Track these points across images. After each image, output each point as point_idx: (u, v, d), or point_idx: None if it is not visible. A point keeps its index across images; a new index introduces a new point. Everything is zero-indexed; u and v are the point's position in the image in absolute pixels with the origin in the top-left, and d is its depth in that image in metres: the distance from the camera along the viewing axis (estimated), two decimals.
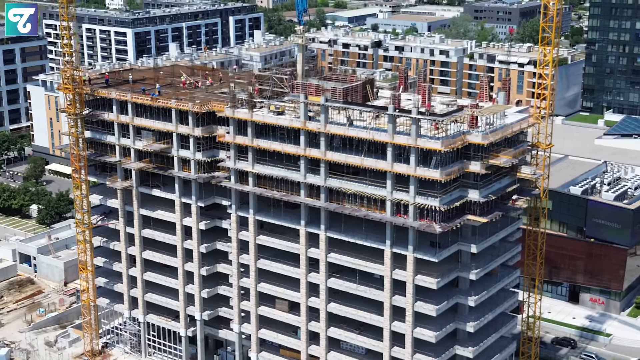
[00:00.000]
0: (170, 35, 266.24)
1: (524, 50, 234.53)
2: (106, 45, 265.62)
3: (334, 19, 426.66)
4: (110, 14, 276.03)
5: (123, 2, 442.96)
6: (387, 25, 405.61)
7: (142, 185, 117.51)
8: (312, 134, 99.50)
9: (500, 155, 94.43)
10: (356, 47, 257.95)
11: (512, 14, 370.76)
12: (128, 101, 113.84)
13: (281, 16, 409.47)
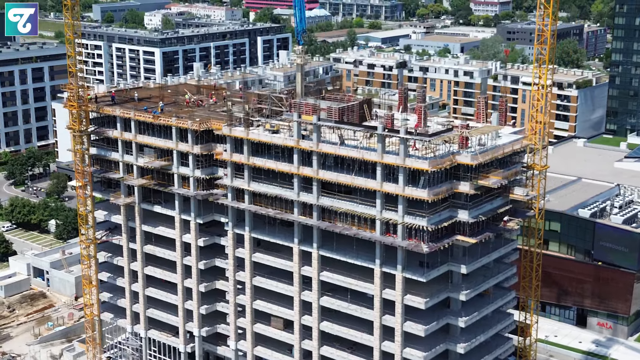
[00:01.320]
0: (198, 54, 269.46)
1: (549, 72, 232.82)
2: (135, 64, 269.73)
3: (367, 39, 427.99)
4: (140, 34, 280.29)
5: (160, 21, 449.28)
6: (419, 46, 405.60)
7: (144, 201, 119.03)
8: (306, 152, 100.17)
9: (490, 176, 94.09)
10: (381, 68, 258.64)
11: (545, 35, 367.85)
12: (131, 118, 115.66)
13: (313, 37, 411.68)
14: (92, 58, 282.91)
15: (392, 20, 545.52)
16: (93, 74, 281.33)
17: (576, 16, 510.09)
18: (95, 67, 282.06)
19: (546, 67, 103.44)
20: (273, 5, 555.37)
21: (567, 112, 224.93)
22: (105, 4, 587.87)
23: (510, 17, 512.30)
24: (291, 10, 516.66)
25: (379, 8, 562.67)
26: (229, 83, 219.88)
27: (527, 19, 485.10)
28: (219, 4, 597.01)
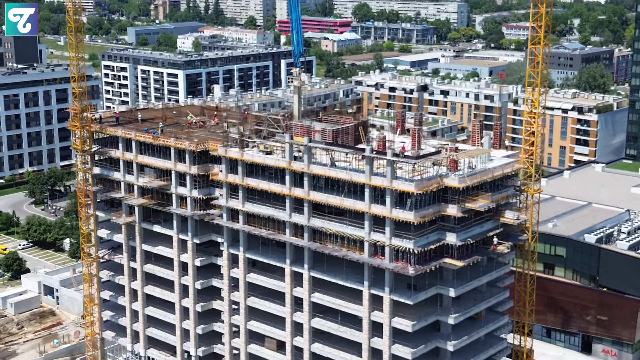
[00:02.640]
0: (221, 77, 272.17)
1: (569, 96, 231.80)
2: (159, 86, 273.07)
3: (396, 62, 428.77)
4: (165, 57, 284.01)
5: (191, 45, 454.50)
6: (448, 69, 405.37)
7: (144, 221, 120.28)
8: (297, 174, 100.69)
9: (478, 199, 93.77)
10: (402, 91, 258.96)
11: (573, 60, 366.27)
12: (132, 139, 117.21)
13: (340, 60, 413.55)
14: (118, 80, 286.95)
15: (424, 44, 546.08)
16: (119, 95, 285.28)
17: (609, 41, 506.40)
18: (121, 89, 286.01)
19: (538, 90, 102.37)
20: (304, 29, 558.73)
21: (587, 136, 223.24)
22: (140, 27, 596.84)
23: None
24: (322, 34, 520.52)
25: (410, 32, 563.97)
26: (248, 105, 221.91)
27: (558, 42, 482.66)
28: (252, 28, 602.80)
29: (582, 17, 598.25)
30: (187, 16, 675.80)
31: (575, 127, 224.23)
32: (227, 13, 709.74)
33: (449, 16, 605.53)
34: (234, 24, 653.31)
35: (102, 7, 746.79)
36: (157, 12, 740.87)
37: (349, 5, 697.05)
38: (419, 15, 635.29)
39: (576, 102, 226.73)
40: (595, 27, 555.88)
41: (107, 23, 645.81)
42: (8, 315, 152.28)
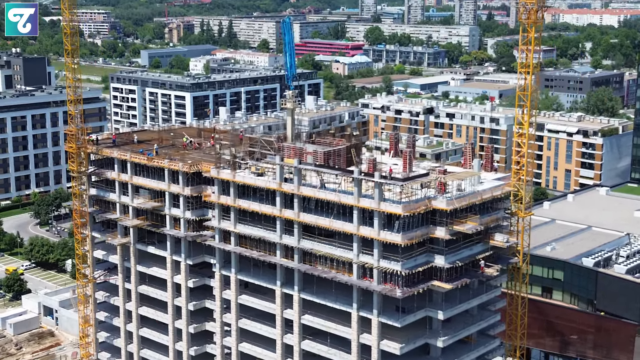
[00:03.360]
0: (229, 99, 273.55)
1: (574, 120, 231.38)
2: (167, 108, 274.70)
3: (406, 85, 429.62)
4: (172, 79, 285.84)
5: (202, 67, 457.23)
6: (457, 92, 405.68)
7: (139, 242, 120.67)
8: (288, 195, 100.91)
9: (466, 221, 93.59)
10: (408, 114, 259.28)
11: (583, 83, 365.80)
12: (127, 160, 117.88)
13: (350, 83, 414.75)
14: (126, 102, 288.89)
15: (435, 67, 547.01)
16: (127, 117, 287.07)
17: (621, 64, 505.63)
18: (129, 111, 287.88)
19: (528, 116, 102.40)
20: (316, 52, 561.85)
21: (592, 160, 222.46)
22: (154, 50, 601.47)
23: (554, 64, 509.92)
24: (333, 57, 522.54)
25: (422, 55, 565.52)
26: (254, 127, 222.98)
27: (569, 66, 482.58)
28: (264, 51, 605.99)
29: (595, 41, 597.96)
30: (200, 39, 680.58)
31: (581, 150, 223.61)
32: (240, 36, 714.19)
33: (461, 39, 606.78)
34: (247, 47, 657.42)
35: (117, 31, 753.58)
36: (171, 36, 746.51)
37: (361, 28, 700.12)
38: (430, 39, 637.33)
39: (581, 126, 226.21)
40: (607, 51, 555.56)
41: (121, 46, 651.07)
42: (7, 336, 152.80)
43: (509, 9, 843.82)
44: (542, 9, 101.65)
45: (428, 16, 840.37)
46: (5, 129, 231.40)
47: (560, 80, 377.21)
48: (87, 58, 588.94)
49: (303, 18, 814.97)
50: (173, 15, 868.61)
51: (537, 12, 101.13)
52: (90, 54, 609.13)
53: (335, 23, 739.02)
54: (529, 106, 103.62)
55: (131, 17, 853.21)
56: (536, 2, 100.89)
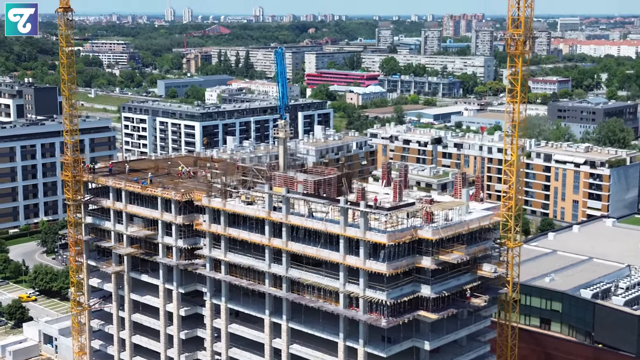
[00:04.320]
0: (238, 128, 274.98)
1: (581, 150, 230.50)
2: (176, 138, 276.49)
3: (419, 115, 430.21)
4: (182, 109, 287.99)
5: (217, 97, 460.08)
6: (471, 122, 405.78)
7: (133, 270, 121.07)
8: (277, 224, 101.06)
9: (452, 251, 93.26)
10: (416, 143, 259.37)
11: (596, 114, 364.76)
12: (122, 189, 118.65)
13: (362, 112, 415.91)
14: (137, 131, 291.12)
15: (450, 97, 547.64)
16: (138, 146, 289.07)
17: (637, 95, 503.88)
18: (140, 140, 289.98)
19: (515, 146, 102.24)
20: (330, 82, 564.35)
21: (599, 191, 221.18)
22: (170, 80, 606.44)
23: (569, 95, 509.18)
24: (347, 87, 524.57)
25: (436, 85, 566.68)
26: (260, 157, 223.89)
27: (584, 96, 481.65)
28: None
29: (610, 72, 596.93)
30: (217, 69, 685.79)
31: (588, 181, 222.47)
32: (257, 67, 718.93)
33: (476, 70, 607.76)
34: (263, 77, 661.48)
35: (135, 61, 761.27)
36: (189, 66, 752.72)
37: (376, 59, 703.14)
38: (445, 69, 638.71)
39: (589, 156, 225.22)
40: (623, 82, 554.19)
41: (139, 76, 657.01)
42: None
43: None
44: (530, 40, 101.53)
45: (445, 47, 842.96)
46: (15, 158, 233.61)
47: (573, 111, 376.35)
48: (105, 88, 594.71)
49: (320, 49, 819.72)
50: (192, 46, 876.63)
51: (524, 44, 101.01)
52: (108, 83, 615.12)
53: (351, 54, 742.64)
54: (517, 136, 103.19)
55: (150, 47, 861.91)
56: (523, 34, 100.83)
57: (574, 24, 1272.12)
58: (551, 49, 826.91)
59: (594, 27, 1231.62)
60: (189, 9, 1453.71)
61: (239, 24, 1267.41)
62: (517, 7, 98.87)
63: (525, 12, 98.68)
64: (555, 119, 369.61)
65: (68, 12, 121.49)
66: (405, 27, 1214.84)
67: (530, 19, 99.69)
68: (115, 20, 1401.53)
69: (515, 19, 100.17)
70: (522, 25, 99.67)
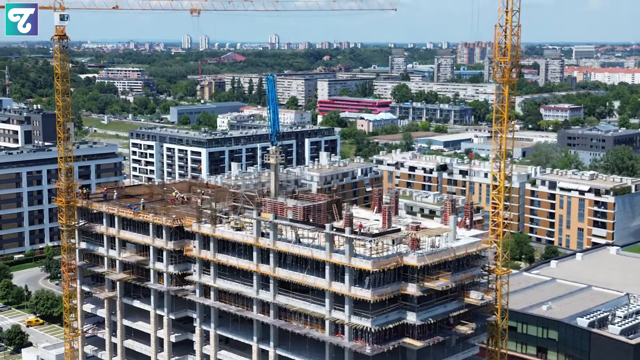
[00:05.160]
0: (244, 154, 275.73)
1: (586, 178, 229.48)
2: (183, 164, 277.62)
3: (430, 142, 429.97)
4: (189, 135, 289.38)
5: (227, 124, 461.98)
6: (480, 149, 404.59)
7: (125, 296, 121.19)
8: (265, 250, 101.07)
9: (438, 278, 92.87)
10: (422, 170, 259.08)
11: (605, 142, 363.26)
12: (115, 214, 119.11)
13: (371, 139, 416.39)
14: (145, 157, 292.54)
15: (461, 124, 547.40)
16: (145, 172, 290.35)
17: None
18: (147, 166, 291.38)
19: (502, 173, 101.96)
20: (342, 109, 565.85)
21: (604, 219, 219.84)
22: (183, 107, 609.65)
23: (580, 123, 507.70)
24: (358, 114, 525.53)
25: (448, 112, 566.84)
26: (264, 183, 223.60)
27: (596, 124, 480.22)
28: (293, 108, 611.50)
29: (623, 99, 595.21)
30: (230, 96, 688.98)
31: (593, 209, 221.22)
32: None
33: (488, 97, 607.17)
34: None
35: (150, 88, 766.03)
36: (202, 93, 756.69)
37: (388, 86, 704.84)
38: (457, 97, 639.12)
39: (593, 184, 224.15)
40: (636, 109, 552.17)
41: (152, 103, 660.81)
42: None
43: (539, 66, 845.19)
44: (516, 68, 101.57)
45: (458, 74, 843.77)
46: (21, 183, 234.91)
47: (583, 138, 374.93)
48: (118, 114, 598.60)
49: (333, 76, 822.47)
50: (206, 73, 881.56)
51: (510, 71, 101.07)
52: (122, 110, 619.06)
53: (364, 81, 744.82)
54: (504, 163, 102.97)
55: (165, 74, 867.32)
56: (509, 61, 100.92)
57: (589, 51, 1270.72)
58: (565, 76, 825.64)
59: (610, 55, 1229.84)
60: (205, 36, 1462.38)
61: (254, 52, 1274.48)
62: (504, 35, 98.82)
63: (511, 40, 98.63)
64: (565, 146, 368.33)
65: (63, 39, 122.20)
66: (420, 55, 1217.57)
67: (517, 47, 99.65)
68: (132, 47, 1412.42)
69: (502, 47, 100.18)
70: (508, 53, 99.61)
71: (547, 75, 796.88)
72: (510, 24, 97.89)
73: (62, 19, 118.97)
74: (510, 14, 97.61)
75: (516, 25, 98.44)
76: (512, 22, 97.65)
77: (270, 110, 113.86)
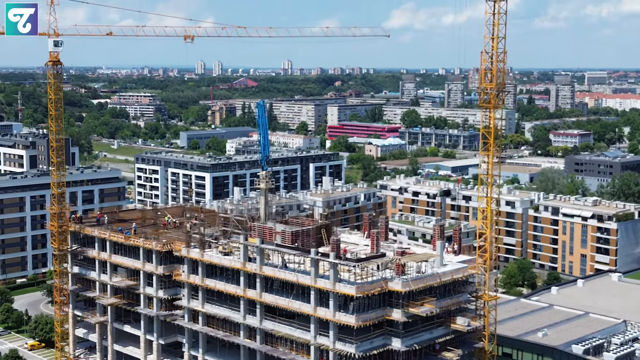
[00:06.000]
0: (248, 179, 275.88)
1: (589, 204, 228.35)
2: (187, 188, 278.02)
3: (437, 168, 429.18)
4: (194, 160, 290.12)
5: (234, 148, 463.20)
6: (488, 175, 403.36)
7: (116, 320, 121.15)
8: (252, 275, 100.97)
9: (422, 304, 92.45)
10: (425, 196, 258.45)
11: (613, 168, 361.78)
12: (106, 239, 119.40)
13: (377, 164, 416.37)
14: (150, 182, 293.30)
15: (470, 150, 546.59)
16: (150, 196, 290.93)
17: None
18: (152, 191, 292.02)
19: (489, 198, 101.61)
20: (351, 134, 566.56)
21: (607, 245, 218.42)
22: (192, 132, 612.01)
23: (590, 148, 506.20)
24: (366, 139, 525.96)
25: (457, 138, 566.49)
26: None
27: (605, 150, 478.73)
28: (302, 133, 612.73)
29: (634, 125, 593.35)
30: (240, 121, 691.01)
31: (596, 235, 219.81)
32: (280, 119, 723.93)
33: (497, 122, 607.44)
34: (286, 129, 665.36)
35: (161, 113, 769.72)
36: (213, 118, 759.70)
37: (398, 111, 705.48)
38: (466, 122, 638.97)
39: (596, 210, 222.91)
40: None
41: (163, 127, 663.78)
42: None
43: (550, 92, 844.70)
44: (502, 94, 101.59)
45: (469, 99, 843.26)
46: (25, 208, 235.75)
47: (590, 164, 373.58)
48: (128, 139, 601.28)
49: (343, 101, 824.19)
50: (218, 98, 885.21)
51: (496, 96, 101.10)
52: (132, 135, 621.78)
53: (373, 106, 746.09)
54: (490, 189, 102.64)
55: (177, 100, 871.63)
56: (495, 87, 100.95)
57: (601, 77, 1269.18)
58: (576, 102, 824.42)
59: (622, 81, 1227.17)
60: (219, 62, 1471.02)
61: (266, 77, 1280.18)
62: (491, 61, 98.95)
63: (497, 65, 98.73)
64: (572, 172, 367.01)
65: (57, 65, 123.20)
66: (432, 80, 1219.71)
67: (502, 73, 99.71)
68: (146, 73, 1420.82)
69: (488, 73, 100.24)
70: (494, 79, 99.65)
71: (557, 101, 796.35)
72: (496, 51, 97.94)
73: (56, 45, 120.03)
74: (496, 40, 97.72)
75: (502, 52, 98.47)
76: (497, 49, 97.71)
77: (261, 136, 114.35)
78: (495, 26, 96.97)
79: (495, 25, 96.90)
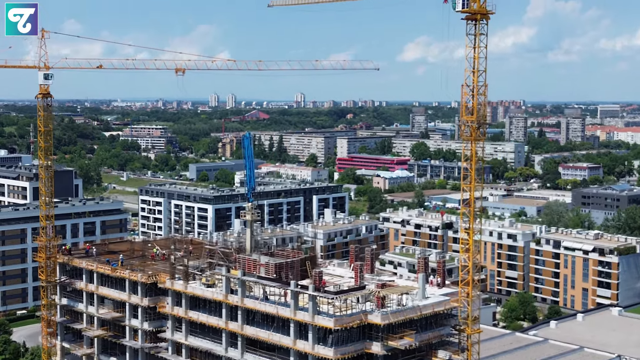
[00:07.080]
0: None
1: (590, 237, 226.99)
2: (190, 220, 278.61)
3: (445, 200, 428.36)
4: (197, 192, 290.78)
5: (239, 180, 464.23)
6: (496, 208, 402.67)
7: (103, 352, 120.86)
8: (233, 307, 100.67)
9: (402, 337, 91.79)
10: (427, 228, 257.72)
11: (620, 201, 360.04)
12: (94, 271, 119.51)
13: (383, 197, 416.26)
14: (153, 214, 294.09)
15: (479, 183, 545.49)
16: (153, 228, 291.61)
17: None
18: (156, 223, 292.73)
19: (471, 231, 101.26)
20: (359, 166, 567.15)
21: (608, 279, 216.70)
22: (202, 164, 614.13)
23: (599, 182, 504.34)
24: (374, 171, 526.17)
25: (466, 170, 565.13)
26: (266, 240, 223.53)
27: (614, 183, 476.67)
28: (312, 165, 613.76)
29: None
30: None
31: (597, 269, 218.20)
32: (290, 151, 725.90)
33: (506, 155, 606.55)
34: (296, 161, 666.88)
35: (172, 145, 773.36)
36: (224, 150, 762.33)
37: (407, 144, 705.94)
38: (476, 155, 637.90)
39: (597, 244, 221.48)
40: None
41: (173, 160, 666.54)
42: None
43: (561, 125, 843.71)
44: (484, 127, 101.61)
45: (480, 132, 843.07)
46: (26, 239, 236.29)
47: (597, 197, 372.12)
48: (138, 171, 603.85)
49: (353, 133, 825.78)
50: (230, 131, 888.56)
51: (478, 129, 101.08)
52: (142, 167, 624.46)
53: (383, 138, 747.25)
54: (472, 223, 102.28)
55: (188, 132, 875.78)
56: (476, 120, 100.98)
57: (614, 110, 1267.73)
58: (587, 135, 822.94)
59: (635, 114, 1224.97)
60: (232, 95, 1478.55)
61: (278, 110, 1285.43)
62: (471, 95, 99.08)
63: (478, 99, 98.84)
64: (579, 205, 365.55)
65: (47, 97, 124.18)
66: (443, 113, 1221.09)
67: (483, 106, 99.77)
68: (160, 105, 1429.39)
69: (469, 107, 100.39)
70: (475, 112, 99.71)
71: (568, 134, 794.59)
72: (476, 84, 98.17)
73: (46, 78, 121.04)
74: (477, 74, 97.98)
75: (482, 85, 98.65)
76: (477, 82, 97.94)
77: (247, 167, 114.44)
78: (475, 59, 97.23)
79: (475, 59, 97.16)
